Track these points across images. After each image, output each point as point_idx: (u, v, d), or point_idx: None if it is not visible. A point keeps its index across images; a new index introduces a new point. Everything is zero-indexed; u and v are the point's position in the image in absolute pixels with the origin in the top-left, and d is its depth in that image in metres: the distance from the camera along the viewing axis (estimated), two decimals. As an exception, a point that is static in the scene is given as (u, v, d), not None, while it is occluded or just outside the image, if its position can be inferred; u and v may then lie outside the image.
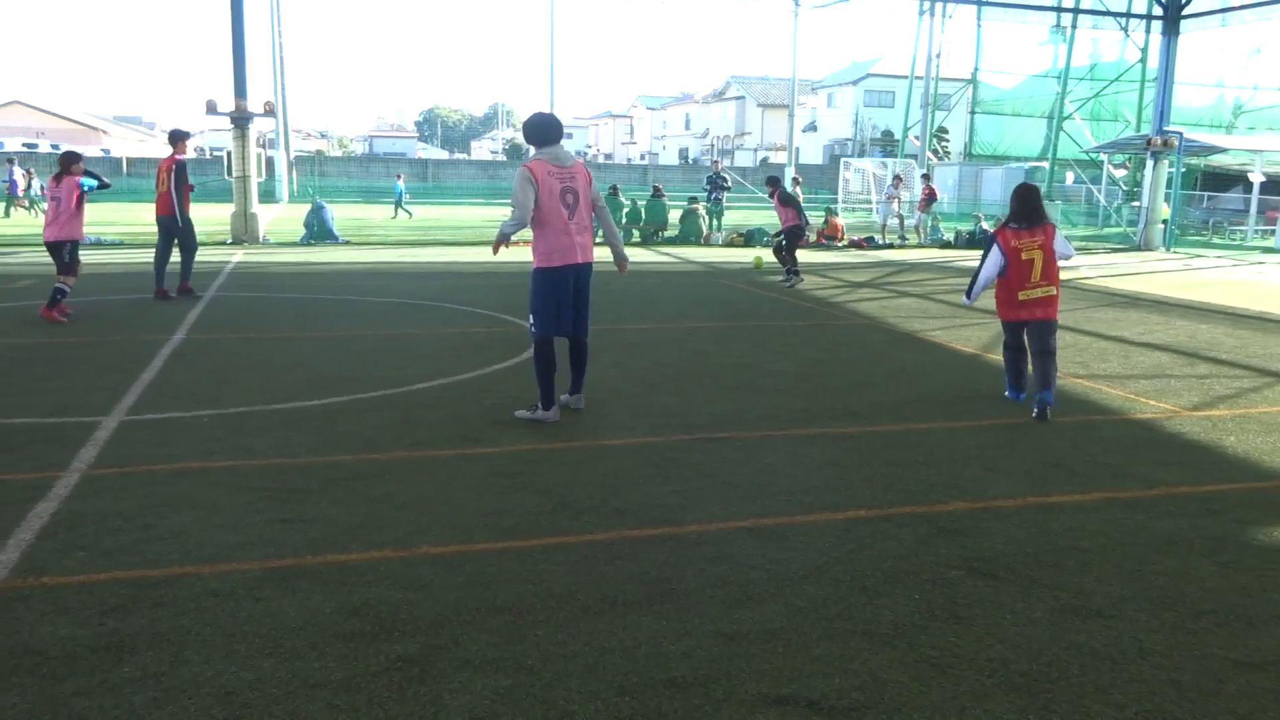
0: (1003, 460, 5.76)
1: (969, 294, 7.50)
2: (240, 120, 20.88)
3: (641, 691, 3.11)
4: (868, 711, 3.03)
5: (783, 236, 15.66)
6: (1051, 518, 4.79)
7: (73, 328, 9.82)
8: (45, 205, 12.52)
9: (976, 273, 7.27)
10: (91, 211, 30.42)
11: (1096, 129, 35.93)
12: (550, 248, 6.25)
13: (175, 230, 12.40)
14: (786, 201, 15.67)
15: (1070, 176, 38.41)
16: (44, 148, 54.93)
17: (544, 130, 6.27)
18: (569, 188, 6.21)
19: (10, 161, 34.12)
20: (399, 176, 37.63)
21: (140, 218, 29.54)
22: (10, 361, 8.07)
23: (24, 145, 54.66)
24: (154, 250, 12.77)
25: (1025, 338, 7.13)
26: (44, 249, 10.83)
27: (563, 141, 6.44)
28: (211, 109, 21.15)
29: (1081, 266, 19.79)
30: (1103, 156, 34.14)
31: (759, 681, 3.19)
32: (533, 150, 6.32)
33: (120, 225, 25.50)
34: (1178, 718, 3.02)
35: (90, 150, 56.69)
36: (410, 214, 33.37)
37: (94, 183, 10.88)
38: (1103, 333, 10.85)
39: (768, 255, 17.65)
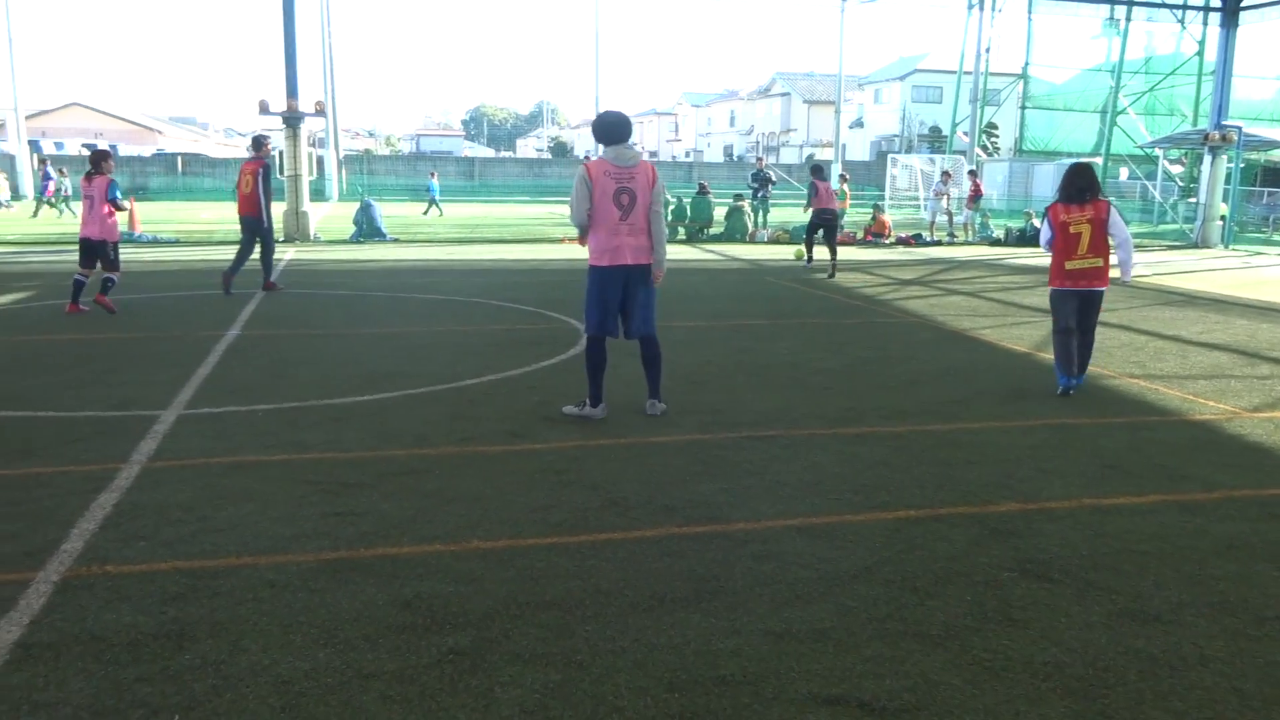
0: (1056, 461, 5.68)
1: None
2: (292, 120, 21.19)
3: (690, 688, 3.12)
4: (919, 713, 3.00)
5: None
6: (1107, 520, 4.71)
7: (132, 324, 10.04)
8: (75, 204, 12.85)
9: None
10: (148, 210, 31.01)
11: (1151, 124, 35.19)
12: (601, 247, 6.25)
13: (259, 230, 12.85)
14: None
15: (1124, 172, 37.68)
16: (102, 148, 56.19)
17: (608, 129, 6.22)
18: (625, 188, 6.15)
19: (44, 162, 35.02)
20: (432, 174, 38.06)
21: (195, 216, 30.14)
22: (73, 357, 8.28)
23: (83, 146, 55.94)
24: (236, 247, 13.16)
25: (1074, 313, 7.39)
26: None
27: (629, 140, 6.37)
28: (264, 109, 21.48)
29: (1137, 264, 19.42)
30: (1158, 152, 33.45)
31: (809, 681, 3.18)
32: (600, 149, 6.30)
33: (176, 223, 26.03)
34: (1239, 725, 2.96)
35: (147, 151, 57.90)
36: (441, 212, 33.58)
37: (116, 194, 10.91)
38: (1159, 332, 10.64)
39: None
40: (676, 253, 19.97)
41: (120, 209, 11.03)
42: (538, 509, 4.72)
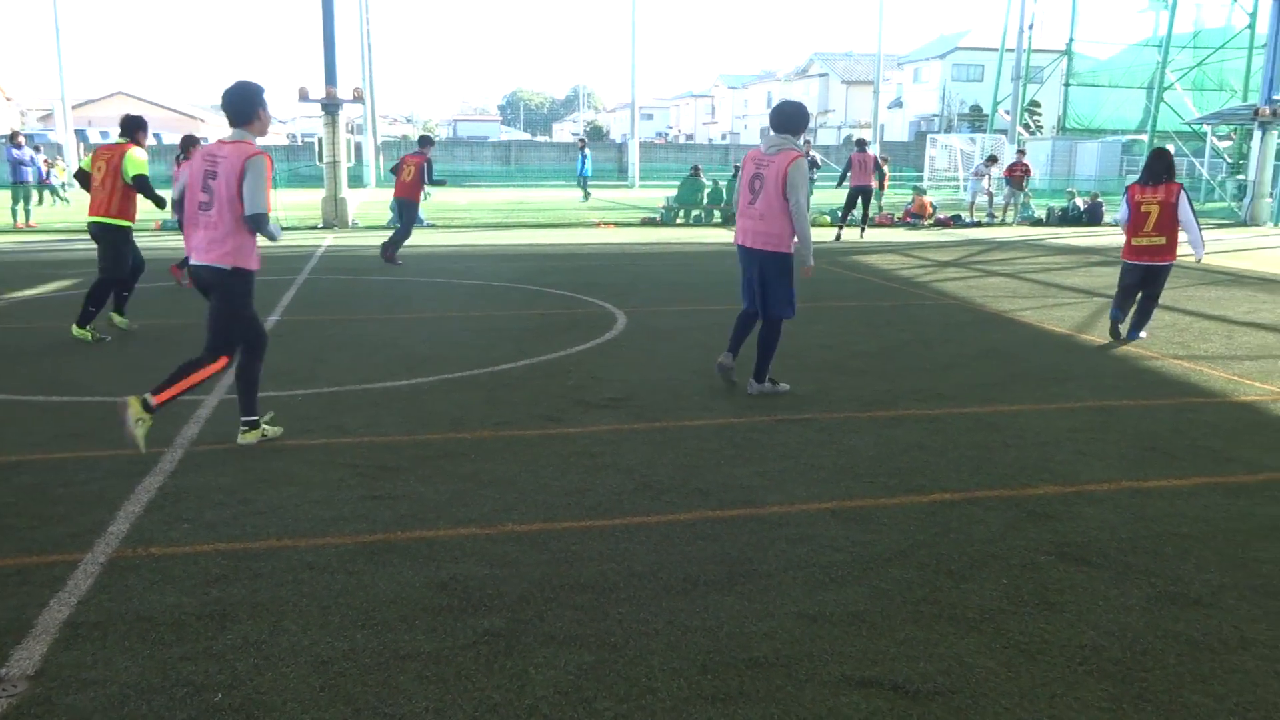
0: (1096, 443, 5.60)
1: None
2: (330, 107, 21.36)
3: (723, 670, 3.13)
4: (954, 696, 2.99)
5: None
6: (1148, 502, 4.65)
7: (175, 310, 10.21)
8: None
9: None
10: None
11: (1199, 99, 34.43)
12: (736, 228, 6.83)
13: (409, 212, 15.14)
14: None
15: (1171, 149, 36.97)
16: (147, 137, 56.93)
17: (775, 116, 6.54)
18: (759, 174, 6.42)
19: (37, 150, 35.48)
20: (582, 145, 38.45)
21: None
22: (119, 342, 8.44)
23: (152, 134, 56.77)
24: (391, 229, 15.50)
25: (1138, 281, 8.54)
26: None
27: (771, 129, 6.54)
28: (303, 96, 21.68)
29: (1183, 243, 19.06)
30: (1206, 128, 32.73)
31: (842, 663, 3.18)
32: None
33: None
34: (1281, 710, 2.92)
35: (188, 138, 58.62)
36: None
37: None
38: (1205, 312, 10.44)
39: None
40: (712, 235, 19.90)
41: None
42: (572, 492, 4.75)
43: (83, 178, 8.91)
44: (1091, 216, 24.20)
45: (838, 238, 17.72)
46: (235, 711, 2.89)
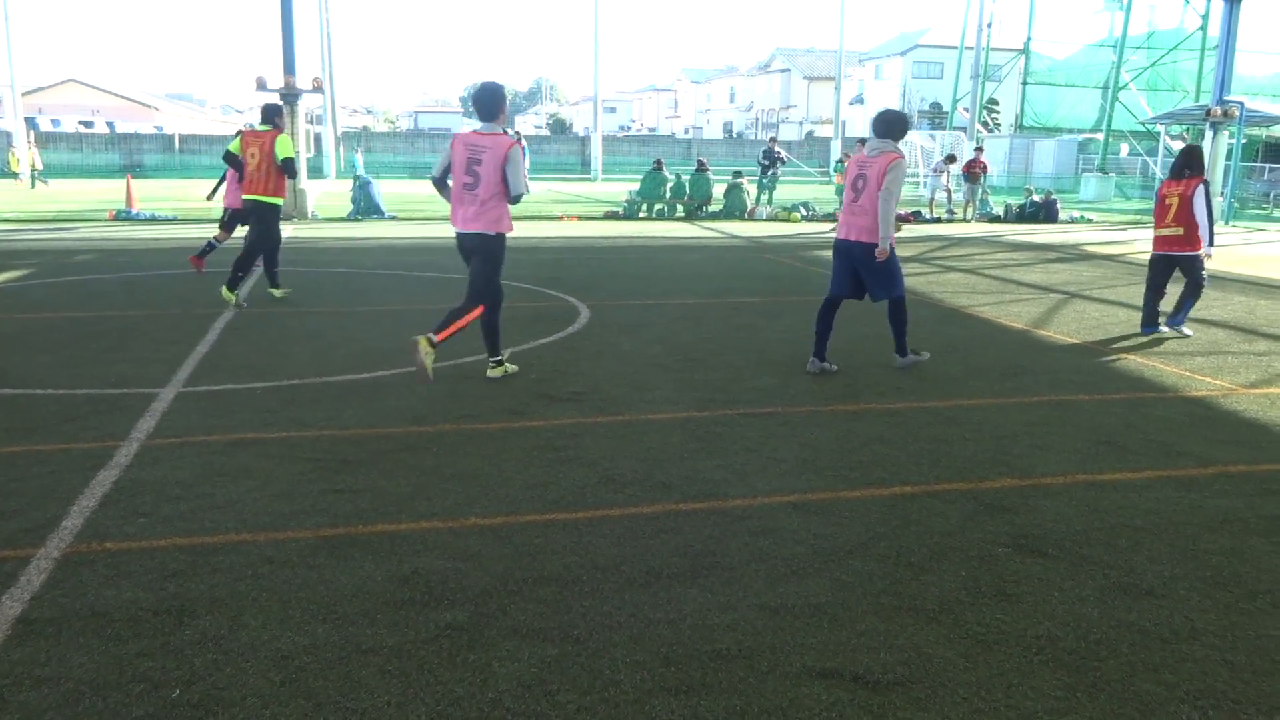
0: (1052, 437, 5.70)
1: None
2: (289, 97, 21.09)
3: (686, 662, 3.14)
4: (913, 686, 3.03)
5: None
6: (1102, 495, 4.74)
7: (130, 302, 10.04)
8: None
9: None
10: (149, 188, 30.90)
11: (1153, 99, 35.07)
12: (839, 223, 7.34)
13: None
14: None
15: (1125, 149, 37.56)
16: (99, 126, 55.92)
17: (878, 124, 7.12)
18: (862, 175, 7.02)
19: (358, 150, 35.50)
20: (356, 151, 37.20)
21: (191, 194, 30.01)
22: (72, 334, 8.28)
23: (80, 124, 55.70)
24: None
25: (1161, 272, 8.95)
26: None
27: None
28: (261, 85, 21.39)
29: (1136, 240, 19.39)
30: (1159, 128, 33.32)
31: (804, 655, 3.20)
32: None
33: (173, 201, 25.96)
34: (1231, 698, 2.99)
35: (144, 127, 57.65)
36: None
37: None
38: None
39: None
40: (675, 229, 19.93)
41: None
42: (535, 486, 4.74)
43: (231, 160, 9.99)
44: (1048, 213, 24.54)
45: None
46: (193, 708, 2.85)
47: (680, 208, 23.76)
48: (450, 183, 6.74)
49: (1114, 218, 26.56)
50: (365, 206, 22.22)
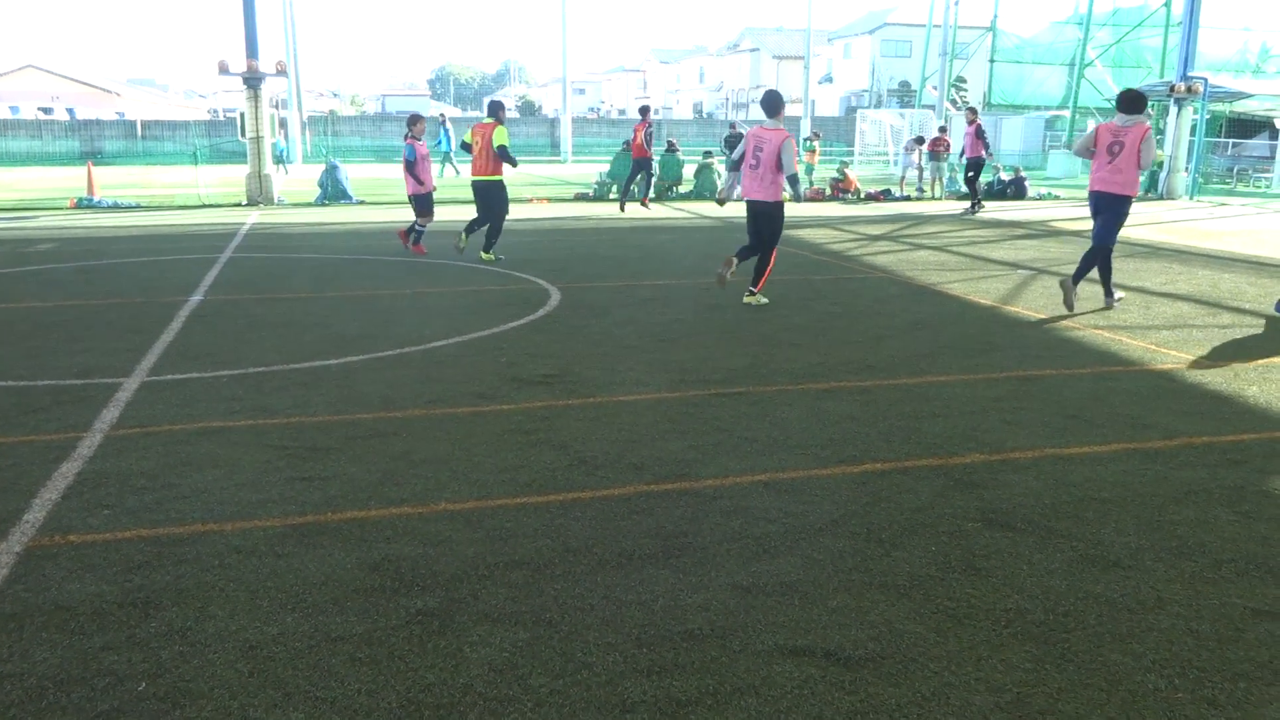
0: (1021, 412, 5.74)
1: None
2: (252, 80, 20.78)
3: (658, 643, 3.14)
4: (884, 662, 3.05)
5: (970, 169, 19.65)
6: (1070, 469, 4.78)
7: (93, 290, 9.89)
8: None
9: None
10: (111, 175, 30.42)
11: (1119, 76, 35.28)
12: (1093, 177, 9.12)
13: (644, 167, 19.98)
14: (981, 133, 19.44)
15: (1091, 125, 37.82)
16: (59, 112, 54.94)
17: (1124, 103, 8.93)
18: (1118, 140, 8.79)
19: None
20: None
21: (154, 180, 29.58)
22: (33, 324, 8.14)
23: (39, 110, 54.69)
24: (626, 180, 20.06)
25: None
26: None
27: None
28: (223, 69, 21.06)
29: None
30: (1125, 104, 33.53)
31: (775, 633, 3.21)
32: (1119, 116, 8.96)
33: (138, 188, 25.58)
34: (1196, 666, 3.03)
35: (106, 113, 56.71)
36: (288, 171, 32.20)
37: (416, 151, 12.75)
38: (1123, 283, 10.73)
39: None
40: (646, 211, 19.87)
41: (410, 169, 12.77)
42: (506, 470, 4.72)
43: (466, 148, 12.33)
44: (1016, 190, 24.68)
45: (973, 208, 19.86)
46: (160, 700, 2.82)
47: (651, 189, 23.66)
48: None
49: (1081, 194, 26.75)
50: (332, 191, 21.98)
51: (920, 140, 27.14)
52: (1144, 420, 5.60)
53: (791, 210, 20.46)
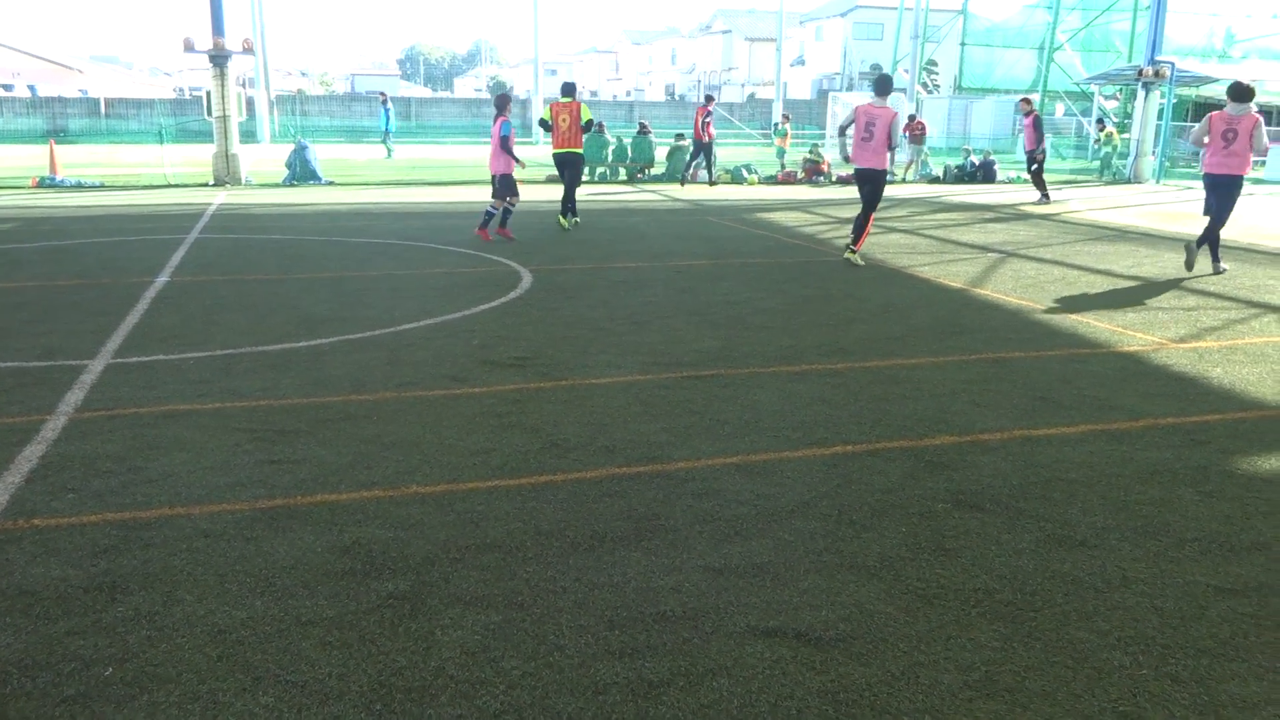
0: (990, 394, 5.79)
1: None
2: (218, 58, 20.45)
3: (631, 625, 3.15)
4: (854, 642, 3.07)
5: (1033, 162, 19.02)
6: (1038, 450, 4.83)
7: (57, 271, 9.73)
8: None
9: None
10: (72, 154, 29.89)
11: (1088, 60, 35.53)
12: (1208, 162, 10.25)
13: (705, 150, 22.22)
14: (1039, 124, 19.04)
15: (1060, 109, 38.07)
16: (20, 89, 53.83)
17: (1234, 93, 10.01)
18: (1232, 129, 9.88)
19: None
20: (383, 97, 36.18)
21: (117, 159, 29.08)
22: (-8, 306, 8.00)
23: (0, 86, 53.55)
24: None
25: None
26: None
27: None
28: (189, 47, 20.70)
29: (1071, 200, 19.73)
30: (1093, 88, 33.81)
31: (747, 614, 3.23)
32: (1229, 104, 10.04)
33: (102, 167, 25.15)
34: (1160, 643, 3.08)
35: (68, 91, 55.65)
36: (389, 152, 32.53)
37: (511, 128, 12.88)
38: (1091, 266, 10.85)
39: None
40: (617, 193, 19.81)
41: (506, 148, 12.76)
42: (478, 453, 4.70)
43: (545, 125, 13.84)
44: (986, 174, 24.83)
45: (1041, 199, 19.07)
46: (127, 685, 2.79)
47: (622, 171, 23.59)
48: (849, 134, 10.79)
49: (1051, 178, 26.96)
50: (301, 172, 21.72)
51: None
52: (1111, 402, 5.67)
53: (763, 194, 20.47)
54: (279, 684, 2.80)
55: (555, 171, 14.10)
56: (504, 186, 12.73)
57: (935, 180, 24.86)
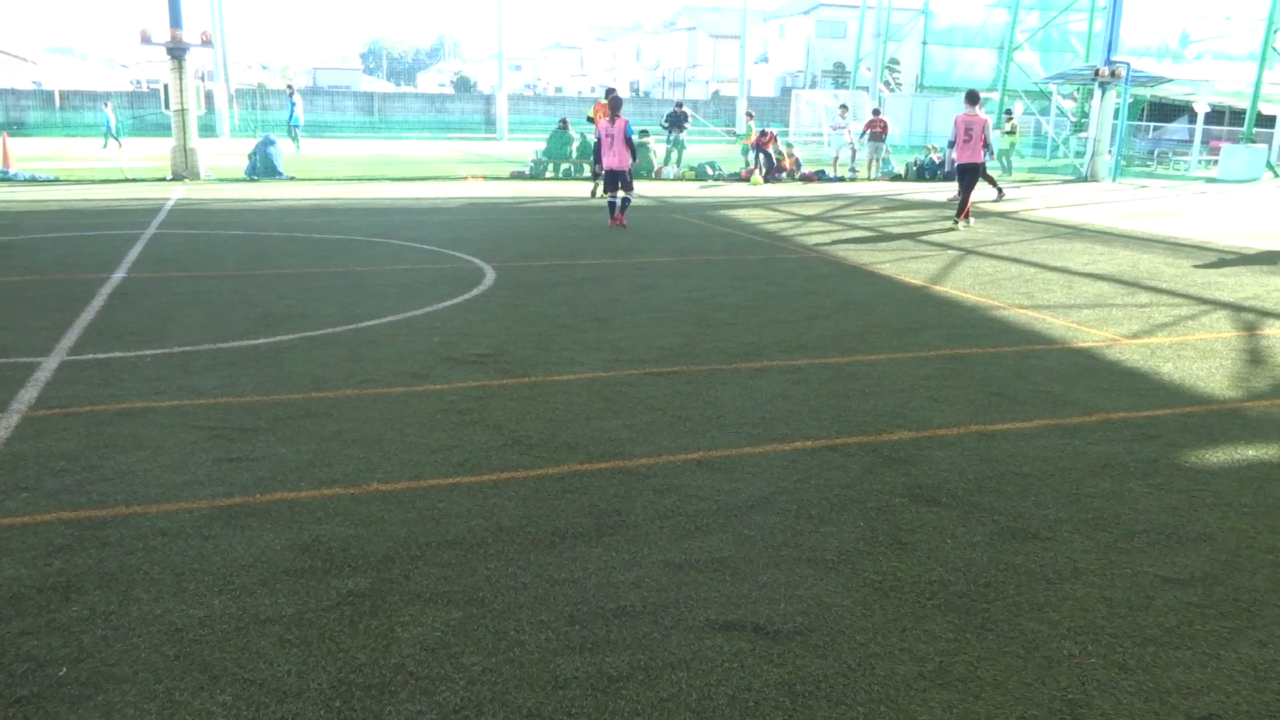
0: (947, 390, 5.87)
1: None
2: (176, 51, 20.17)
3: (591, 621, 3.17)
4: (812, 635, 3.11)
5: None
6: (993, 445, 4.91)
7: (10, 267, 9.56)
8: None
9: None
10: (25, 147, 29.42)
11: (1046, 60, 36.02)
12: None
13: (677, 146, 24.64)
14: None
15: (1019, 107, 38.53)
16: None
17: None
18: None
19: (106, 104, 34.20)
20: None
21: (72, 153, 28.58)
22: (-58, 303, 7.85)
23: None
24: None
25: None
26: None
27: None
28: (145, 39, 20.39)
29: (1029, 198, 19.99)
30: (1051, 87, 34.27)
31: (706, 609, 3.26)
32: None
33: (56, 161, 24.72)
34: (1109, 632, 3.15)
35: (21, 83, 54.53)
36: (120, 144, 31.08)
37: (631, 134, 14.04)
38: (1047, 264, 11.01)
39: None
40: (582, 190, 19.79)
41: (630, 146, 13.92)
42: (439, 450, 4.69)
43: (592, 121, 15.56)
44: (946, 172, 25.07)
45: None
46: (82, 685, 2.77)
47: (587, 168, 23.56)
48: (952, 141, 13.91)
49: (1009, 177, 27.32)
50: (262, 167, 21.47)
51: (845, 107, 27.49)
52: (1064, 397, 5.77)
53: (727, 191, 20.56)
54: (237, 682, 2.79)
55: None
56: (629, 179, 14.06)
57: (897, 178, 25.08)
